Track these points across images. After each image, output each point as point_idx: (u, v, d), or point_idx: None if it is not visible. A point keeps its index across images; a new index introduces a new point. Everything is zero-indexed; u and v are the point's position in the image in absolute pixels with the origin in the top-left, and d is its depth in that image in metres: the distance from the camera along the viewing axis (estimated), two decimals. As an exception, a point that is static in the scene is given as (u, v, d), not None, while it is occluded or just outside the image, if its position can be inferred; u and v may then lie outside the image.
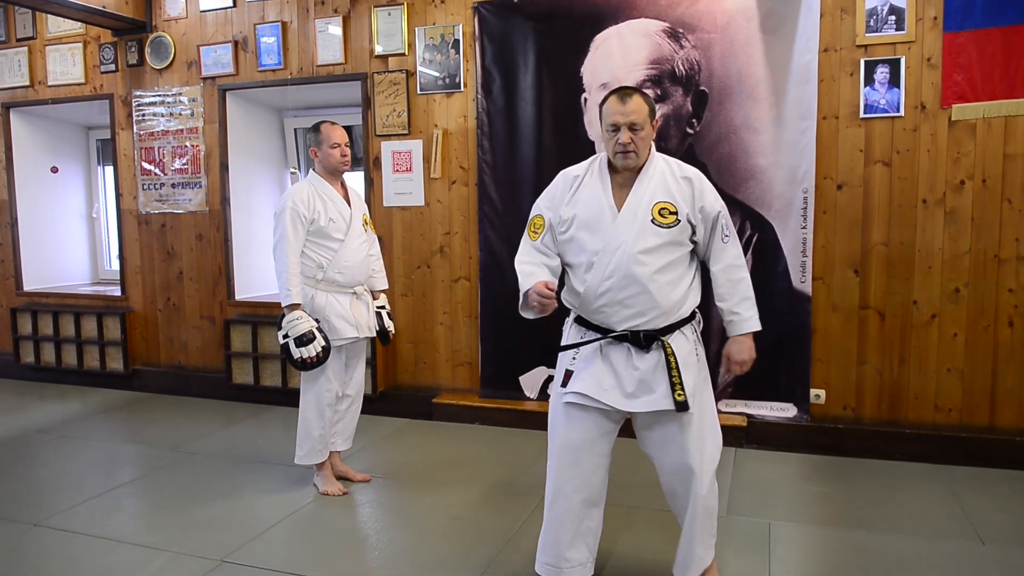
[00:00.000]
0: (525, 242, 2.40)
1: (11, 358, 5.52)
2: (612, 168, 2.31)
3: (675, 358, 2.20)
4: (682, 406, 2.16)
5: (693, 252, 2.32)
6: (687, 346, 2.25)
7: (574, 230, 2.28)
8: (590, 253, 2.24)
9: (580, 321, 2.32)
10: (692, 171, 2.31)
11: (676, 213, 2.22)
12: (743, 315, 2.30)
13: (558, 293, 2.30)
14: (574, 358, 2.30)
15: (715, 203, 2.28)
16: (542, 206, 2.38)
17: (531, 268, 2.33)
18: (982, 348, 3.53)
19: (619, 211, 2.24)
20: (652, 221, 2.21)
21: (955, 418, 3.59)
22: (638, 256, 2.19)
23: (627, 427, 2.30)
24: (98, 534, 2.88)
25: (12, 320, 5.44)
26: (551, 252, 2.34)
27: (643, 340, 2.22)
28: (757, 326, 2.31)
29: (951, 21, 3.43)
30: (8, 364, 5.55)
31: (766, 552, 2.67)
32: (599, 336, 2.26)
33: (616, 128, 2.21)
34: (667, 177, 2.27)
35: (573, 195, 2.31)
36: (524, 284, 2.27)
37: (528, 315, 2.30)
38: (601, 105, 2.28)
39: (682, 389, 2.17)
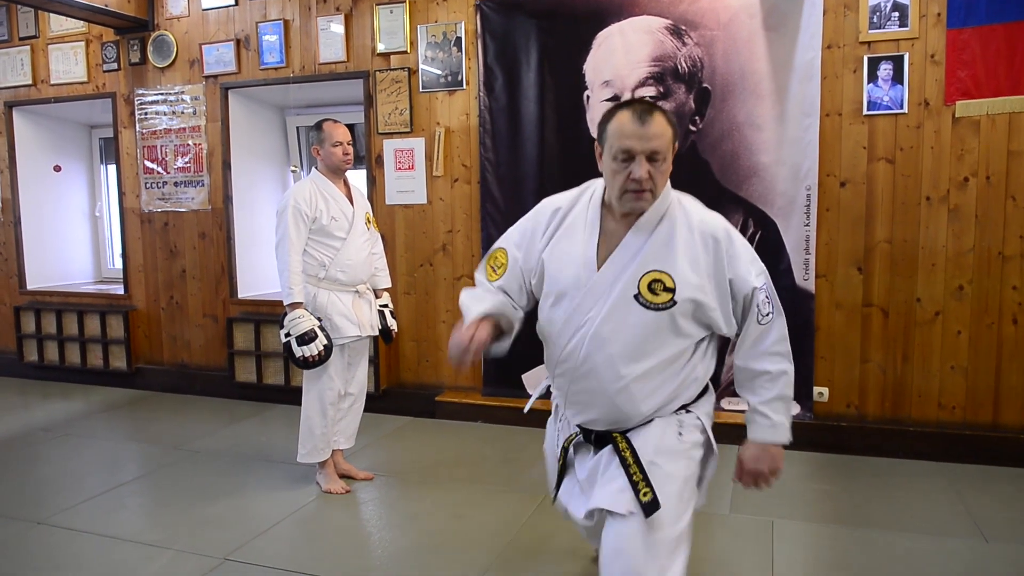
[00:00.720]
0: (478, 282, 1.86)
1: (14, 357, 5.53)
2: (607, 207, 1.71)
3: (630, 452, 1.66)
4: (650, 508, 1.59)
5: (703, 341, 1.73)
6: (664, 429, 1.71)
7: (547, 286, 1.74)
8: (555, 322, 1.73)
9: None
10: (721, 226, 1.67)
11: (673, 291, 1.60)
12: (773, 419, 1.73)
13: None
14: (557, 444, 1.94)
15: (749, 275, 1.65)
16: (511, 241, 1.82)
17: (472, 300, 1.78)
18: (986, 345, 3.52)
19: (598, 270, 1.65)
20: (637, 296, 1.61)
21: (959, 416, 3.58)
22: (605, 346, 1.62)
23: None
24: (101, 532, 2.88)
25: (16, 319, 5.45)
26: (509, 301, 1.81)
27: (594, 440, 1.74)
28: (787, 437, 1.76)
29: (955, 17, 3.41)
30: (12, 363, 5.56)
31: (769, 550, 2.67)
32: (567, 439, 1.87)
33: (630, 156, 1.56)
34: (678, 233, 1.63)
35: (550, 239, 1.74)
36: (466, 319, 1.75)
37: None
38: (606, 122, 1.64)
39: (648, 487, 1.61)
